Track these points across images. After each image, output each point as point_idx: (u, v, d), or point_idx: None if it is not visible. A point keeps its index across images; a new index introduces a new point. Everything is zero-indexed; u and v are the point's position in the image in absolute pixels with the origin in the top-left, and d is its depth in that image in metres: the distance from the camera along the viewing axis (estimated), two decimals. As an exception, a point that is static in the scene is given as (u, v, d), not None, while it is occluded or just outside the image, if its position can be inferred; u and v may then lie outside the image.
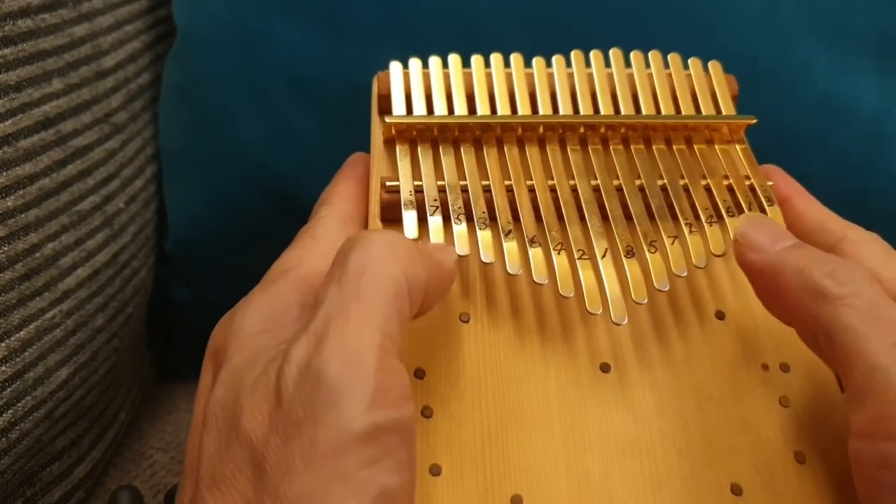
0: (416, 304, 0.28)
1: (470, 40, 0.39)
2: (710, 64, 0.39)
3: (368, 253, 0.27)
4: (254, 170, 0.50)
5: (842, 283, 0.28)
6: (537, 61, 0.38)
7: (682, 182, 0.36)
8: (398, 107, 0.37)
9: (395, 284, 0.26)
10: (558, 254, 0.33)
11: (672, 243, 0.33)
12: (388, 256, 0.27)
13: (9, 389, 0.38)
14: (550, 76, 0.38)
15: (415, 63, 0.38)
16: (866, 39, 0.47)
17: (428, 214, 0.34)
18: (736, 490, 0.30)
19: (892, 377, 0.26)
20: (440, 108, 0.37)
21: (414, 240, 0.33)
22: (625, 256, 0.33)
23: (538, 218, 0.34)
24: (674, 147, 0.37)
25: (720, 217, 0.35)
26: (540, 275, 0.32)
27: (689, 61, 0.39)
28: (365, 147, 0.38)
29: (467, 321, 0.33)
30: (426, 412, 0.30)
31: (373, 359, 0.24)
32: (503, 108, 0.37)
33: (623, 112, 0.38)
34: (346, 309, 0.25)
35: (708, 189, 0.36)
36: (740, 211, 0.35)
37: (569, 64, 0.39)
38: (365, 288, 0.26)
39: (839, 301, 0.28)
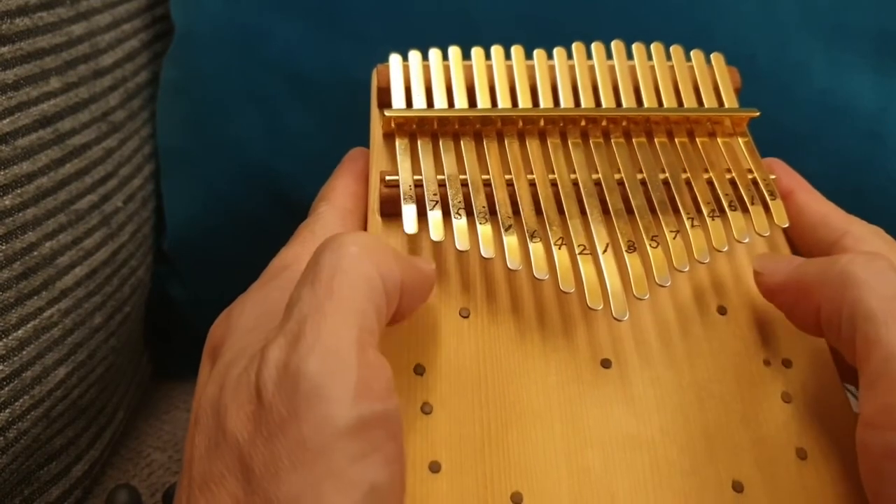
0: (392, 301, 0.28)
1: (468, 38, 0.39)
2: (712, 56, 0.39)
3: (340, 253, 0.27)
4: (252, 168, 0.50)
5: (865, 268, 0.28)
6: (538, 53, 0.38)
7: (684, 175, 0.36)
8: (398, 100, 0.37)
9: (368, 281, 0.26)
10: (559, 249, 0.33)
11: (674, 238, 0.33)
12: (360, 255, 0.27)
13: (6, 388, 0.37)
14: (552, 68, 0.38)
15: (414, 55, 0.38)
16: (864, 38, 0.47)
17: (427, 209, 0.33)
18: (737, 486, 0.30)
19: None
20: (440, 101, 0.37)
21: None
22: (626, 251, 0.33)
23: (539, 212, 0.34)
24: (676, 140, 0.37)
25: (722, 211, 0.35)
26: (540, 270, 0.32)
27: (692, 53, 0.39)
28: (363, 144, 0.38)
29: (467, 317, 0.33)
30: (426, 408, 0.30)
31: (352, 353, 0.24)
32: (504, 101, 0.37)
33: (624, 105, 0.38)
34: (321, 308, 0.25)
35: (710, 182, 0.36)
36: (742, 205, 0.35)
37: (570, 56, 0.38)
38: (338, 287, 0.26)
39: (864, 285, 0.28)
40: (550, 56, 0.38)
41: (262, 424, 0.24)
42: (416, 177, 0.34)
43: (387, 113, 0.36)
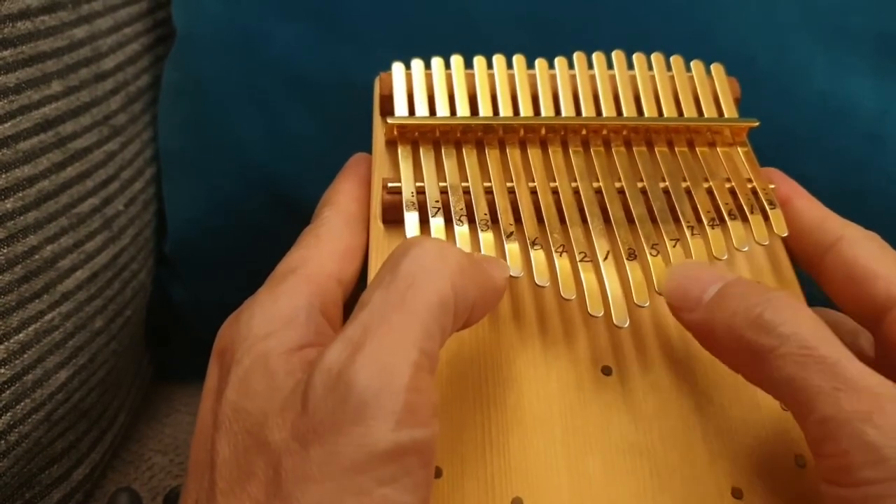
0: (460, 320, 0.28)
1: (470, 41, 0.39)
2: (712, 66, 0.39)
3: (420, 263, 0.26)
4: (252, 170, 0.50)
5: (770, 330, 0.27)
6: (539, 63, 0.38)
7: (684, 185, 0.36)
8: (400, 108, 0.37)
9: (441, 300, 0.26)
10: (560, 256, 0.33)
11: (674, 246, 0.33)
12: (440, 269, 0.27)
13: (8, 392, 0.37)
14: (553, 78, 0.38)
15: (417, 64, 0.38)
16: (864, 40, 0.47)
17: (429, 216, 0.34)
18: (737, 493, 0.30)
19: (842, 428, 0.25)
20: (442, 110, 0.37)
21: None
22: (626, 259, 0.33)
23: (540, 220, 0.34)
24: (676, 149, 0.37)
25: (722, 220, 0.35)
26: (541, 277, 0.32)
27: (692, 64, 0.39)
28: (364, 147, 0.38)
29: None
30: None
31: (406, 376, 0.24)
32: (505, 110, 0.37)
33: (625, 114, 0.38)
34: (388, 319, 0.25)
35: (710, 192, 0.36)
36: (742, 214, 0.35)
37: (571, 66, 0.39)
38: (411, 300, 0.25)
39: (772, 353, 0.27)
40: (552, 65, 0.38)
41: (300, 430, 0.24)
42: (418, 184, 0.35)
43: (389, 120, 0.36)
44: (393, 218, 0.35)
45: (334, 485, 0.23)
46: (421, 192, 0.34)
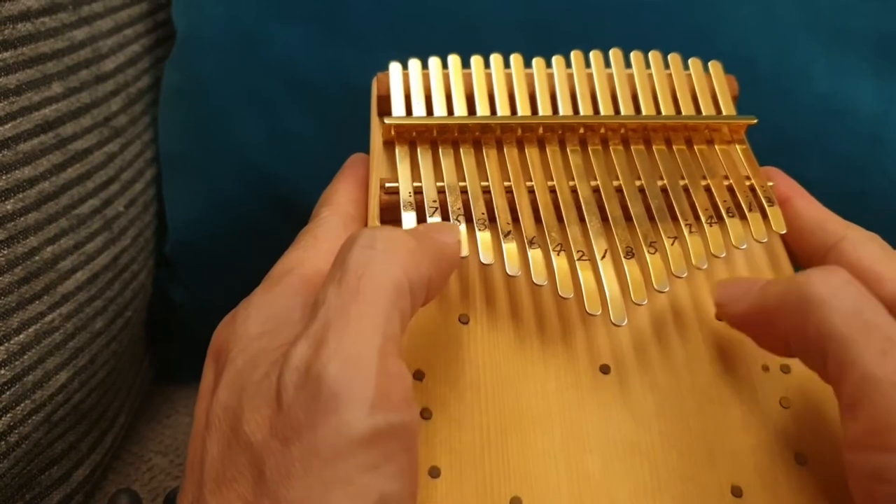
0: (418, 300, 0.28)
1: (468, 43, 0.39)
2: (710, 64, 0.39)
3: (368, 252, 0.27)
4: (252, 172, 0.50)
5: (822, 286, 0.28)
6: (537, 62, 0.38)
7: (682, 183, 0.36)
8: (398, 108, 0.37)
9: (395, 284, 0.26)
10: (558, 255, 0.33)
11: (672, 244, 0.33)
12: (389, 256, 0.27)
13: (8, 393, 0.38)
14: (550, 77, 0.38)
15: (414, 64, 0.38)
16: (864, 42, 0.47)
17: (427, 216, 0.34)
18: (736, 492, 0.30)
19: (883, 388, 0.25)
20: (440, 109, 0.37)
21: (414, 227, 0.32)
22: (624, 257, 0.33)
23: (538, 219, 0.34)
24: (674, 147, 0.37)
25: (720, 218, 0.35)
26: (539, 276, 0.32)
27: (690, 62, 0.39)
28: (364, 149, 0.38)
29: (467, 323, 0.33)
30: (425, 414, 0.30)
31: (373, 361, 0.24)
32: (503, 109, 0.37)
33: (623, 112, 0.38)
34: (346, 311, 0.25)
35: (708, 189, 0.36)
36: (740, 211, 0.35)
37: (568, 64, 0.39)
38: (364, 289, 0.26)
39: (825, 305, 0.27)
40: (549, 64, 0.38)
41: (278, 428, 0.24)
42: (415, 184, 0.35)
43: (386, 121, 0.36)
44: (391, 218, 0.35)
45: (318, 478, 0.23)
46: (419, 192, 0.34)
